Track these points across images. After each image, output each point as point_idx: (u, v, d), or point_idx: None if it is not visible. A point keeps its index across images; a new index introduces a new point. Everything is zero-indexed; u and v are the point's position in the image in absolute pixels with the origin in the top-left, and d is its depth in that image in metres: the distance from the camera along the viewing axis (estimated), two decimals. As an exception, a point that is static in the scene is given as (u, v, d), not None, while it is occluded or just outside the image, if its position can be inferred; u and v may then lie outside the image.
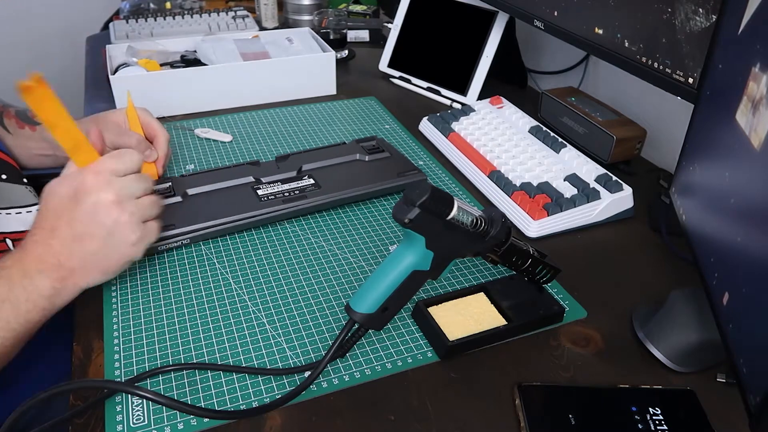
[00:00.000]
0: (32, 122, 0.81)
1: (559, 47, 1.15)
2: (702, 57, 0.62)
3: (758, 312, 0.42)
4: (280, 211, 0.73)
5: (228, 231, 0.71)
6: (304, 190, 0.76)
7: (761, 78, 0.46)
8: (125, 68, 1.03)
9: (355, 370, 0.55)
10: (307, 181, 0.78)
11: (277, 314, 0.61)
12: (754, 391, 0.41)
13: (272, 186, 0.76)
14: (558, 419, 0.50)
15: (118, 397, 0.52)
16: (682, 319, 0.57)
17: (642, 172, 0.88)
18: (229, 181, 0.77)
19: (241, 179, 0.77)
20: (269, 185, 0.77)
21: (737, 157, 0.49)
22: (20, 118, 0.82)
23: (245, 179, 0.77)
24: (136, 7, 1.43)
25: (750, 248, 0.44)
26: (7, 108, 0.83)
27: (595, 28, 0.77)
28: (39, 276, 0.54)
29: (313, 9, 1.40)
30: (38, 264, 0.55)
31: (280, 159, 0.82)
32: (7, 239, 0.71)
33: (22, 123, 0.81)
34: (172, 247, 0.69)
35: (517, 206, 0.75)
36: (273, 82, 1.05)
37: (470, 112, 0.96)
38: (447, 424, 0.50)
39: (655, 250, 0.72)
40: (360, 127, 0.98)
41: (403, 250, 0.51)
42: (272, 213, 0.73)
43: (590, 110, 0.90)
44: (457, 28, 1.09)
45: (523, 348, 0.58)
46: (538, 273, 0.59)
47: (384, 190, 0.79)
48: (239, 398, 0.52)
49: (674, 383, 0.55)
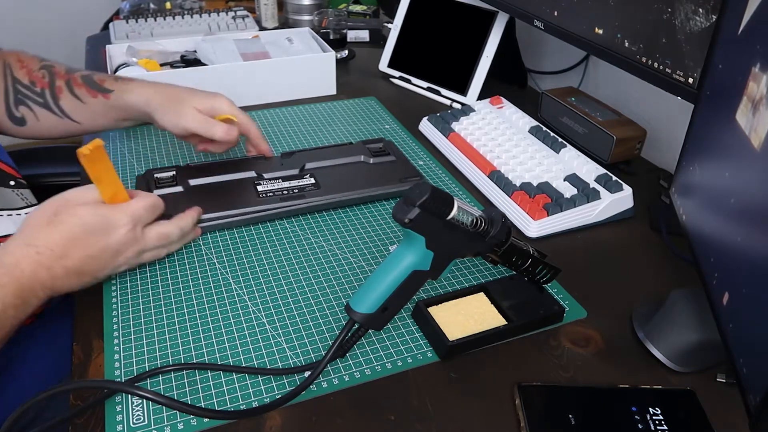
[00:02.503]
0: (103, 89, 0.79)
1: (559, 47, 1.15)
2: (702, 57, 0.62)
3: (758, 312, 0.42)
4: (277, 209, 0.73)
5: (224, 226, 0.72)
6: (303, 189, 0.76)
7: (761, 78, 0.46)
8: (125, 68, 1.03)
9: (355, 370, 0.55)
10: (308, 180, 0.78)
11: (277, 314, 0.61)
12: (754, 391, 0.41)
13: (273, 183, 0.77)
14: (558, 419, 0.50)
15: (118, 397, 0.52)
16: (682, 319, 0.57)
17: (642, 172, 0.88)
18: (231, 174, 0.77)
19: (244, 173, 0.78)
20: (270, 182, 0.77)
21: (737, 157, 0.49)
22: (90, 86, 0.79)
23: (248, 173, 0.78)
24: (136, 7, 1.43)
25: (750, 248, 0.44)
26: (73, 74, 0.81)
27: (595, 28, 0.77)
28: (32, 298, 0.55)
29: (313, 9, 1.40)
30: (35, 285, 0.55)
31: (285, 155, 0.82)
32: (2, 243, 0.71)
33: (93, 91, 0.79)
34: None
35: (517, 206, 0.75)
36: (273, 82, 1.05)
37: (470, 112, 0.96)
38: (447, 424, 0.51)
39: (655, 250, 0.72)
40: (360, 127, 0.98)
41: (403, 250, 0.51)
42: (269, 211, 0.73)
43: (590, 110, 0.90)
44: (457, 28, 1.09)
45: (523, 348, 0.58)
46: (538, 273, 0.59)
47: (383, 195, 0.78)
48: (239, 398, 0.52)
49: (674, 383, 0.55)
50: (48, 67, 0.80)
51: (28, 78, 0.79)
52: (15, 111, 0.79)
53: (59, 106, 0.79)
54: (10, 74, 0.79)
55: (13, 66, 0.80)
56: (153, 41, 1.17)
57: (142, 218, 0.60)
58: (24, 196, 0.76)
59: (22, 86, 0.79)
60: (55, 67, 0.81)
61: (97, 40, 1.36)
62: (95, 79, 0.80)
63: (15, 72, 0.79)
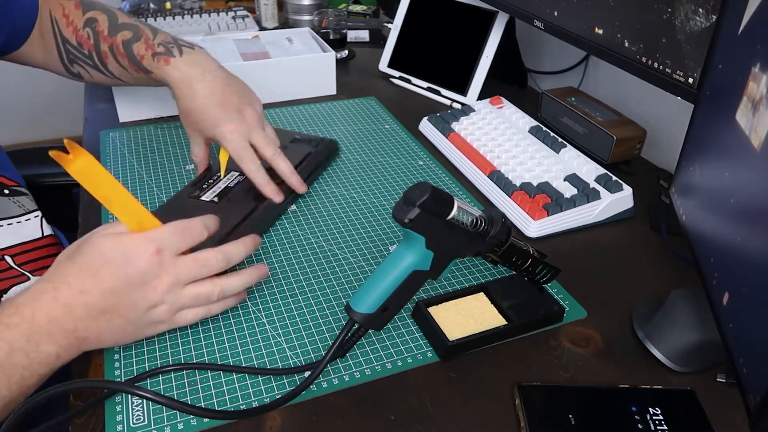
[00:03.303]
0: (142, 68, 0.76)
1: (559, 47, 1.15)
2: (702, 57, 0.62)
3: (758, 312, 0.42)
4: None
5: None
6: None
7: (761, 78, 0.46)
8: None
9: (355, 370, 0.55)
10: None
11: (277, 314, 0.61)
12: (754, 391, 0.41)
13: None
14: (558, 419, 0.50)
15: (118, 397, 0.52)
16: (682, 319, 0.57)
17: (642, 172, 0.88)
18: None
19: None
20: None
21: (737, 157, 0.49)
22: (131, 60, 0.76)
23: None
24: (136, 7, 1.43)
25: (750, 248, 0.44)
26: (113, 36, 0.77)
27: (595, 28, 0.77)
28: (46, 342, 0.47)
29: (313, 9, 1.40)
30: (51, 327, 0.48)
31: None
32: (6, 256, 0.70)
33: (133, 66, 0.77)
34: None
35: (517, 206, 0.75)
36: (273, 82, 1.05)
37: (470, 112, 0.96)
38: (447, 424, 0.51)
39: (655, 250, 0.72)
40: (360, 127, 0.98)
41: (403, 250, 0.51)
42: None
43: (590, 110, 0.90)
44: (457, 28, 1.09)
45: (523, 348, 0.58)
46: (538, 273, 0.59)
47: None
48: (239, 398, 0.52)
49: (674, 383, 0.55)
50: (91, 23, 0.77)
51: (75, 38, 0.78)
52: (71, 68, 0.81)
53: (108, 70, 0.79)
54: (59, 32, 0.78)
55: (59, 22, 0.78)
56: (153, 41, 1.16)
57: (168, 242, 0.51)
58: (20, 203, 0.74)
59: (72, 47, 0.78)
60: (98, 22, 0.77)
61: (97, 40, 1.35)
62: (135, 52, 0.76)
63: (62, 30, 0.78)
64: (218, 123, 0.73)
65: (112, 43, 0.77)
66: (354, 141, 0.94)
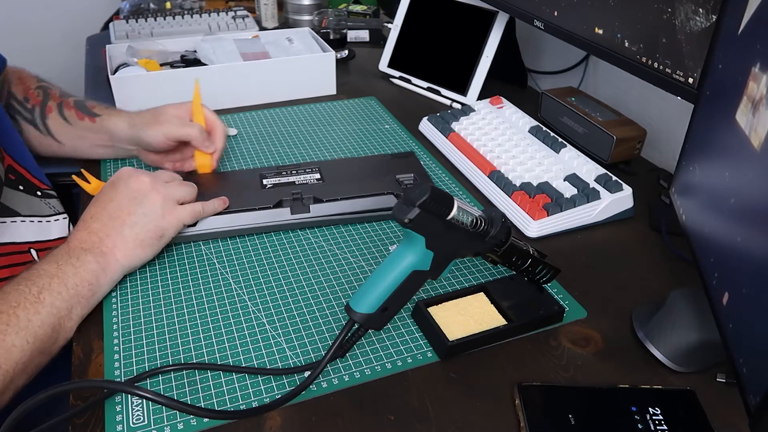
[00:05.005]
0: (91, 113, 0.81)
1: (559, 47, 1.15)
2: (702, 57, 0.62)
3: (758, 312, 0.42)
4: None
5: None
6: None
7: (761, 78, 0.46)
8: (125, 68, 1.03)
9: (355, 370, 0.55)
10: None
11: (277, 314, 0.61)
12: (754, 391, 0.41)
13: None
14: (558, 419, 0.50)
15: (118, 397, 0.52)
16: (682, 319, 0.57)
17: (642, 172, 0.88)
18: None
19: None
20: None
21: (737, 157, 0.49)
22: (79, 109, 0.81)
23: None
24: (136, 7, 1.43)
25: (750, 248, 0.44)
26: (66, 98, 0.83)
27: (595, 28, 0.77)
28: (83, 254, 0.59)
29: (313, 9, 1.40)
30: (81, 244, 0.61)
31: (316, 200, 0.74)
32: (31, 249, 0.72)
33: (81, 114, 0.81)
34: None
35: (517, 206, 0.75)
36: (273, 82, 1.05)
37: (470, 112, 0.96)
38: (447, 424, 0.51)
39: (655, 250, 0.72)
40: (360, 127, 0.98)
41: (403, 250, 0.51)
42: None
43: (590, 110, 0.90)
44: (457, 28, 1.09)
45: (523, 348, 0.58)
46: (538, 273, 0.59)
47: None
48: (239, 398, 0.52)
49: (674, 383, 0.55)
50: (45, 87, 0.84)
51: (24, 94, 0.82)
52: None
53: (45, 125, 0.81)
54: (8, 89, 0.82)
55: (13, 81, 0.83)
56: (153, 41, 1.17)
57: (158, 174, 0.67)
58: (51, 205, 0.78)
59: (16, 101, 0.82)
60: (52, 89, 0.84)
61: (97, 40, 1.36)
62: (87, 104, 0.82)
63: (13, 87, 0.82)
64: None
65: (62, 101, 0.82)
66: (354, 141, 0.94)
